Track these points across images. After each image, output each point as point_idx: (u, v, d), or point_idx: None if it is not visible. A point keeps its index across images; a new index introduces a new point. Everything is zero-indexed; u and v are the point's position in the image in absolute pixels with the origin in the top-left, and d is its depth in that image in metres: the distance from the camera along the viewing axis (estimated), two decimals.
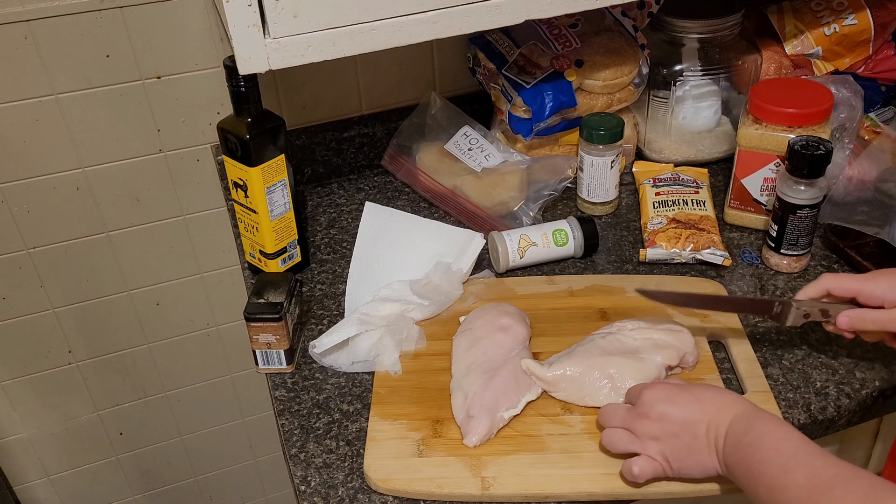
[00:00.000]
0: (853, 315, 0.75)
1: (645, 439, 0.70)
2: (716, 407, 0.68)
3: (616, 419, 0.73)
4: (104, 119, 1.08)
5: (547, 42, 1.09)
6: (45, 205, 1.12)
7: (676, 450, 0.68)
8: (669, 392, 0.70)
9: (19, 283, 1.17)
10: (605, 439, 0.73)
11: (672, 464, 0.69)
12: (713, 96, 1.12)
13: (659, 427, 0.69)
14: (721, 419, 0.66)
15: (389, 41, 0.80)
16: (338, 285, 0.99)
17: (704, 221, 1.00)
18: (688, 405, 0.69)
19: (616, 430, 0.72)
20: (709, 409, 0.68)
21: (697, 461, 0.67)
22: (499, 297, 0.93)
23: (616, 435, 0.72)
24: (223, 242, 1.25)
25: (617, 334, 0.83)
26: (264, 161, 0.90)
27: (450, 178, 1.10)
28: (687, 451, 0.68)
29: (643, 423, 0.70)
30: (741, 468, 0.63)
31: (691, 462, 0.68)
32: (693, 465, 0.68)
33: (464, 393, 0.79)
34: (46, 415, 1.30)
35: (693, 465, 0.68)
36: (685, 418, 0.68)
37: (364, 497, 0.73)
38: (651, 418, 0.69)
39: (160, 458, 1.44)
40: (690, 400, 0.69)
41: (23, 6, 0.98)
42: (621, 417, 0.72)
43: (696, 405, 0.68)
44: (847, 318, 0.76)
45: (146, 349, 1.31)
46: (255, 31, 0.75)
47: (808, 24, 1.12)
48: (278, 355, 0.86)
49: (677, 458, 0.68)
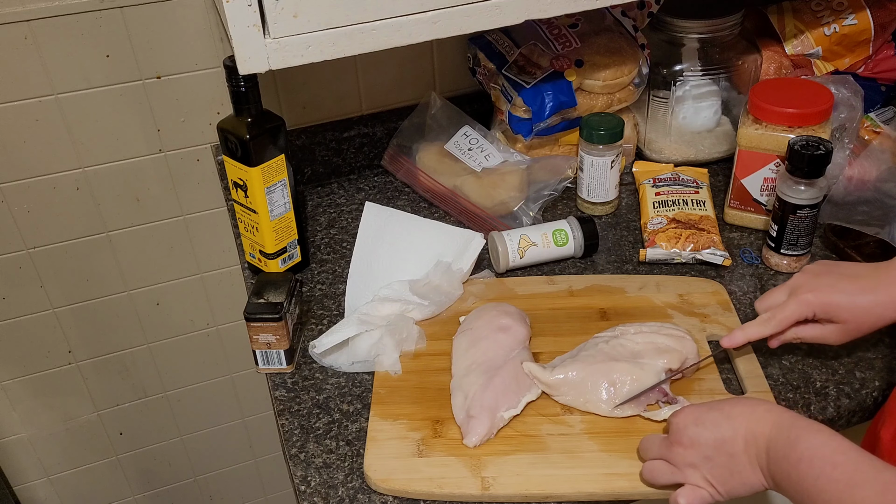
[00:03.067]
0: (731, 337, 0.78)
1: (683, 468, 0.67)
2: (749, 421, 0.64)
3: (653, 451, 0.70)
4: (104, 119, 1.08)
5: (547, 42, 1.09)
6: (45, 205, 1.12)
7: (717, 473, 0.65)
8: (697, 414, 0.67)
9: (19, 283, 1.17)
10: (645, 473, 0.70)
11: (718, 487, 0.65)
12: (713, 96, 1.12)
13: (693, 453, 0.66)
14: (758, 432, 0.63)
15: (389, 41, 0.80)
16: (338, 285, 0.99)
17: (704, 221, 1.00)
18: (717, 424, 0.66)
19: (655, 463, 0.69)
20: (741, 425, 0.64)
21: (742, 481, 0.64)
22: (499, 297, 0.93)
23: (656, 467, 0.69)
24: (223, 242, 1.25)
25: (620, 338, 0.82)
26: (264, 161, 0.90)
27: (450, 178, 1.10)
28: (728, 472, 0.65)
29: (677, 452, 0.67)
30: (792, 485, 0.59)
31: (736, 483, 0.64)
32: (738, 486, 0.65)
33: (464, 393, 0.79)
34: (46, 415, 1.30)
35: (738, 485, 0.64)
36: (717, 438, 0.65)
37: (364, 497, 0.73)
38: (684, 445, 0.67)
39: (160, 458, 1.44)
40: (720, 418, 0.66)
41: (23, 6, 0.98)
42: (657, 449, 0.70)
43: (727, 422, 0.65)
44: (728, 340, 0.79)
45: (146, 349, 1.31)
46: (255, 31, 0.75)
47: (808, 24, 1.12)
48: (278, 355, 0.86)
49: (721, 482, 0.65)
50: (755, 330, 0.78)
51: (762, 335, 0.78)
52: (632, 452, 0.74)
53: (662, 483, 0.69)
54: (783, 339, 0.79)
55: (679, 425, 0.68)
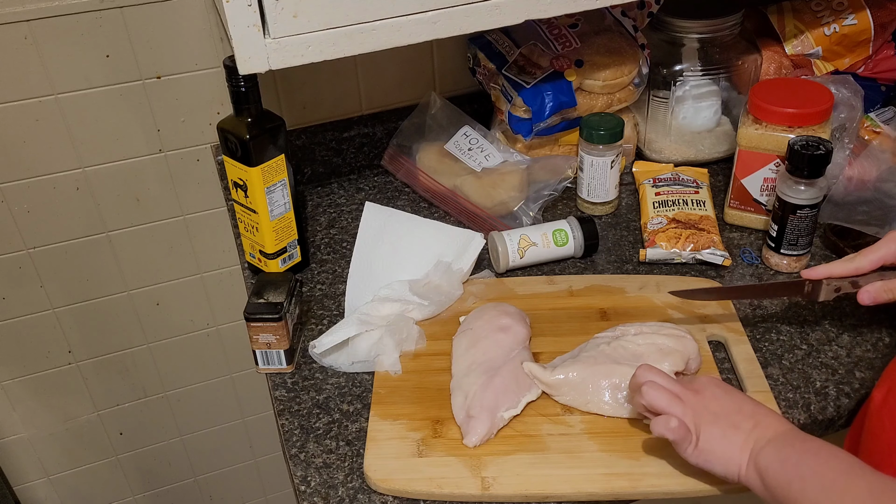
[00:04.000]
0: (873, 290, 0.76)
1: (685, 407, 0.68)
2: (770, 416, 0.67)
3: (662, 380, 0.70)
4: (104, 119, 1.08)
5: (547, 42, 1.09)
6: (45, 205, 1.12)
7: (710, 430, 0.66)
8: (726, 385, 0.70)
9: (19, 283, 1.17)
10: (647, 393, 0.69)
11: (701, 442, 0.66)
12: (713, 96, 1.12)
13: (704, 404, 0.68)
14: (773, 425, 0.65)
15: (389, 41, 0.80)
16: (338, 285, 0.99)
17: (704, 221, 1.00)
18: (744, 400, 0.69)
19: (663, 389, 0.69)
20: (764, 413, 0.67)
21: (724, 450, 0.65)
22: (499, 297, 0.93)
23: (661, 393, 0.69)
24: (223, 242, 1.25)
25: (621, 339, 0.82)
26: (264, 161, 0.90)
27: (450, 178, 1.10)
28: (720, 435, 0.66)
29: (689, 395, 0.69)
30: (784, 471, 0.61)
31: (718, 448, 0.66)
32: (717, 453, 0.66)
33: (464, 393, 0.79)
34: (46, 415, 1.30)
35: (718, 452, 0.66)
36: (737, 407, 0.67)
37: (364, 497, 0.73)
38: (700, 394, 0.69)
39: (160, 458, 1.44)
40: (746, 399, 0.69)
41: (23, 6, 0.98)
42: (668, 381, 0.70)
43: (752, 404, 0.68)
44: (867, 294, 0.76)
45: (146, 349, 1.31)
46: (255, 31, 0.75)
47: (808, 24, 1.12)
48: (278, 355, 0.86)
49: (707, 439, 0.66)
50: (839, 267, 0.78)
51: (845, 272, 0.78)
52: (632, 452, 0.74)
53: (659, 406, 0.68)
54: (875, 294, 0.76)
55: (705, 381, 0.70)
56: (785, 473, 0.61)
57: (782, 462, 0.62)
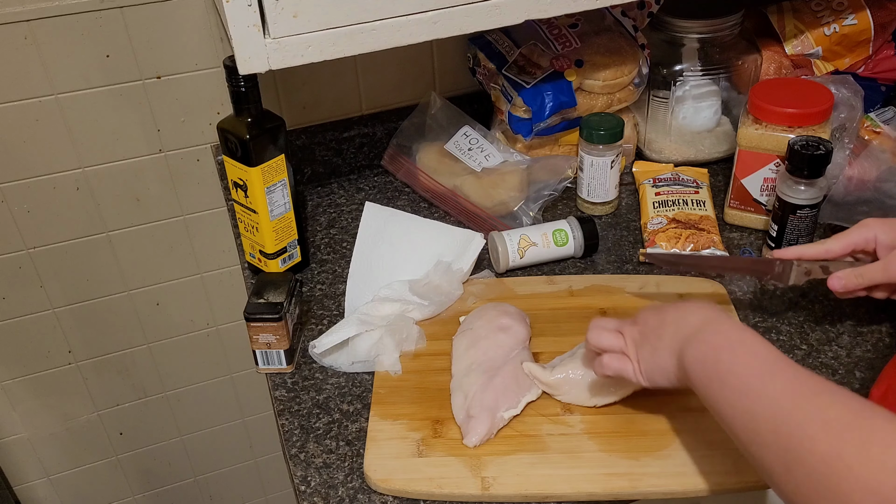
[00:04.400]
0: (843, 276, 0.75)
1: (627, 338, 0.71)
2: (693, 312, 0.66)
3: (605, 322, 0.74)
4: (104, 119, 1.08)
5: (547, 42, 1.09)
6: (45, 205, 1.12)
7: (645, 351, 0.68)
8: (662, 304, 0.71)
9: (19, 283, 1.17)
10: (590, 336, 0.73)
11: (641, 364, 0.69)
12: (713, 96, 1.12)
13: (637, 329, 0.70)
14: (689, 322, 0.65)
15: (389, 41, 0.80)
16: (338, 285, 0.99)
17: (704, 221, 1.00)
18: (666, 311, 0.69)
19: (603, 329, 0.73)
20: (687, 311, 0.66)
21: (658, 363, 0.67)
22: (499, 297, 0.93)
23: (603, 333, 0.73)
24: (223, 242, 1.25)
25: None
26: (264, 161, 0.90)
27: (450, 178, 1.10)
28: (651, 350, 0.68)
29: (627, 326, 0.72)
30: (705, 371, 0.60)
31: (654, 364, 0.67)
32: (656, 368, 0.67)
33: (464, 393, 0.79)
34: (46, 415, 1.30)
35: (655, 367, 0.67)
36: (661, 319, 0.68)
37: (364, 497, 0.73)
38: (636, 322, 0.71)
39: (160, 458, 1.44)
40: (672, 308, 0.69)
41: (23, 6, 0.98)
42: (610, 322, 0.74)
43: (674, 310, 0.68)
44: (838, 280, 0.75)
45: (146, 349, 1.31)
46: (255, 31, 0.75)
47: (808, 24, 1.12)
48: (278, 355, 0.86)
49: (644, 359, 0.68)
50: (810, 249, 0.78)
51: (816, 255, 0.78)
52: (632, 452, 0.74)
53: (602, 344, 0.72)
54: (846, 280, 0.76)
55: (642, 310, 0.72)
56: (705, 372, 0.60)
57: (701, 362, 0.61)
